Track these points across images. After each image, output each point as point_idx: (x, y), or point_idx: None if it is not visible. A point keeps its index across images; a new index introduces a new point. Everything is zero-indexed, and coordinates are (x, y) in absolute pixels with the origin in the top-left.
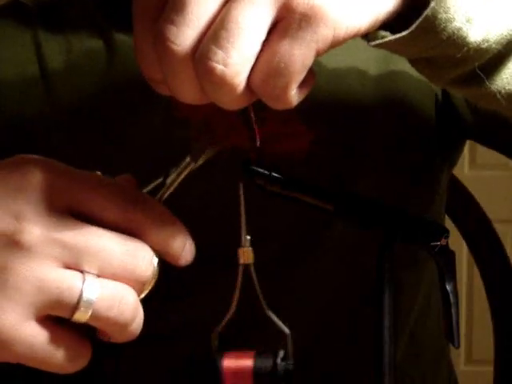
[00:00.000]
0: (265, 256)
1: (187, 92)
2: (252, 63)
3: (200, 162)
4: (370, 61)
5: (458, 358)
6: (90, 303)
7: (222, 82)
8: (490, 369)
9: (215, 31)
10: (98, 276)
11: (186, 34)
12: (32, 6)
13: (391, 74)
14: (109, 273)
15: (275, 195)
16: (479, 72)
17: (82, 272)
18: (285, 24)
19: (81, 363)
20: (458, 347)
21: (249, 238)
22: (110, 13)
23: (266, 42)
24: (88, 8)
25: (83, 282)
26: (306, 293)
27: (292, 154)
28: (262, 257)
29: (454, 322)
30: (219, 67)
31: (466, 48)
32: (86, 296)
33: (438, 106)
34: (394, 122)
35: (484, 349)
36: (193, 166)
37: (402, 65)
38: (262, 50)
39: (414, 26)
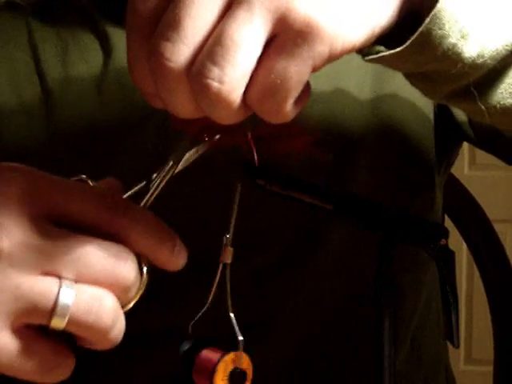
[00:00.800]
0: (266, 258)
1: (182, 107)
2: (248, 79)
3: (185, 164)
4: (364, 83)
5: (458, 358)
6: (66, 308)
7: (217, 99)
8: (490, 369)
9: (210, 48)
10: (77, 281)
11: (181, 51)
12: (26, 5)
13: (385, 97)
14: (89, 278)
15: (275, 195)
16: (473, 89)
17: (60, 278)
18: (281, 40)
19: (61, 373)
20: (457, 347)
21: (228, 236)
22: (104, 7)
23: (261, 58)
24: (82, 4)
25: (59, 287)
26: (306, 294)
27: (291, 154)
28: (263, 259)
29: (453, 322)
30: (215, 84)
31: (460, 64)
32: (62, 301)
33: (435, 119)
34: (389, 145)
35: (484, 349)
36: (175, 168)
37: (396, 86)
38: (257, 66)
39: (408, 42)
